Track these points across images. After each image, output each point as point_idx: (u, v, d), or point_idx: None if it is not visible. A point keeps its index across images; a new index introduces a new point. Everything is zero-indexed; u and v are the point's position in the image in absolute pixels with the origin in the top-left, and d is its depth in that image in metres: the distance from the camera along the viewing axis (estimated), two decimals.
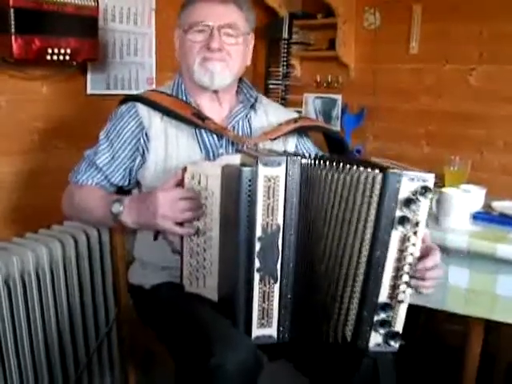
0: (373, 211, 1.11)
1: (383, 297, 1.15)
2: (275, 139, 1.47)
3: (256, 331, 1.18)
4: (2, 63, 1.75)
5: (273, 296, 1.17)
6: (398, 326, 1.17)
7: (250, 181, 1.13)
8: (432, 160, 2.48)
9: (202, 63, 1.41)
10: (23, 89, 1.86)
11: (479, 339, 1.85)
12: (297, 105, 2.80)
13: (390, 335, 1.17)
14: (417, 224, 1.12)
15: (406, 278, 1.14)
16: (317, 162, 1.16)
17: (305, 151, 1.57)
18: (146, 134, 1.44)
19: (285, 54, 2.78)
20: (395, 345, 1.17)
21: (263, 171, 1.12)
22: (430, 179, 1.11)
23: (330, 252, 1.17)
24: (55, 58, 1.78)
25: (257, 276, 1.15)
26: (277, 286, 1.17)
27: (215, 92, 1.48)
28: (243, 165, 1.17)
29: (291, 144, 1.54)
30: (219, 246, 1.25)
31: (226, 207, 1.21)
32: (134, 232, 1.57)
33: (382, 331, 1.16)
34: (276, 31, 2.76)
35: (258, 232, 1.14)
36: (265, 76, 2.87)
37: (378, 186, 1.10)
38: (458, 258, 1.70)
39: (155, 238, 1.35)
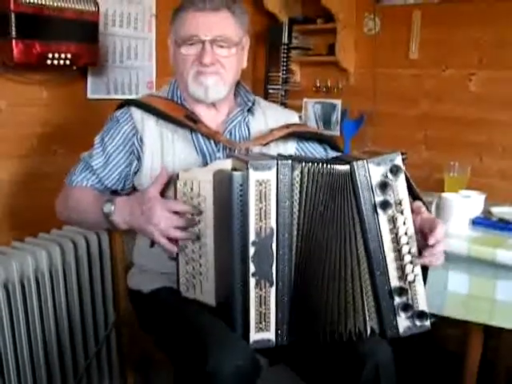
0: (353, 204, 1.15)
1: (394, 282, 1.18)
2: (266, 144, 1.46)
3: (254, 335, 1.18)
4: (2, 67, 1.75)
5: (269, 300, 1.17)
6: (421, 305, 1.19)
7: (241, 185, 1.14)
8: (431, 165, 2.49)
9: (195, 77, 1.41)
10: (23, 93, 1.86)
11: (479, 344, 1.84)
12: (296, 110, 2.76)
13: (416, 315, 1.19)
14: (400, 203, 1.15)
15: (408, 258, 1.17)
16: (308, 164, 1.17)
17: (305, 154, 1.56)
18: (141, 139, 1.44)
19: (284, 59, 2.78)
20: (425, 323, 1.20)
21: (254, 175, 1.12)
22: (396, 158, 1.15)
23: (329, 253, 1.18)
24: (55, 62, 1.79)
25: (252, 280, 1.15)
26: (273, 290, 1.17)
27: (211, 103, 1.48)
28: (234, 169, 1.17)
29: (291, 148, 1.54)
30: (214, 251, 1.25)
31: (219, 212, 1.22)
32: (134, 238, 1.57)
33: (405, 314, 1.19)
34: (276, 36, 2.76)
35: (252, 236, 1.14)
36: (264, 81, 2.87)
37: (349, 180, 1.15)
38: (458, 263, 1.70)
39: (151, 246, 1.35)
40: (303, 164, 1.17)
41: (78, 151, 1.54)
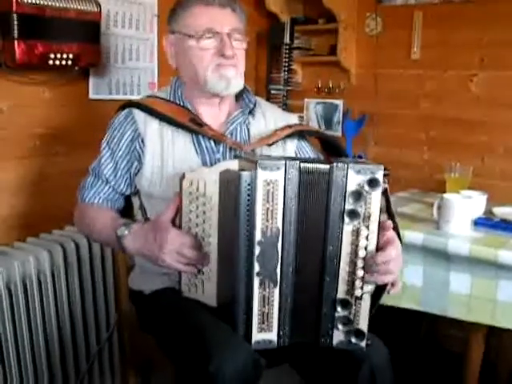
0: (324, 206, 1.15)
1: (341, 293, 1.18)
2: (272, 144, 1.47)
3: (256, 336, 1.17)
4: (4, 68, 1.75)
5: (273, 300, 1.17)
6: (362, 324, 1.18)
7: (249, 185, 1.14)
8: (433, 166, 2.49)
9: (215, 70, 1.40)
10: (25, 93, 1.87)
11: (480, 345, 1.85)
12: (298, 110, 2.80)
13: (353, 333, 1.18)
14: (369, 217, 1.14)
15: (360, 273, 1.16)
16: (309, 164, 1.17)
17: (304, 156, 1.57)
18: (142, 141, 1.43)
19: (286, 60, 2.78)
20: (359, 343, 1.18)
21: (262, 175, 1.12)
22: (378, 171, 1.13)
23: (312, 252, 1.18)
24: (57, 62, 1.79)
25: (256, 280, 1.15)
26: (277, 290, 1.17)
27: (221, 97, 1.47)
28: (242, 170, 1.17)
29: (290, 149, 1.54)
30: (218, 251, 1.25)
31: (225, 212, 1.21)
32: None
33: (343, 328, 1.18)
34: (277, 36, 2.76)
35: (258, 236, 1.14)
36: (266, 81, 2.87)
37: (326, 181, 1.14)
38: (460, 263, 1.70)
39: None
40: (308, 165, 1.16)
41: (79, 152, 1.54)
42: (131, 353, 1.72)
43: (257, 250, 1.14)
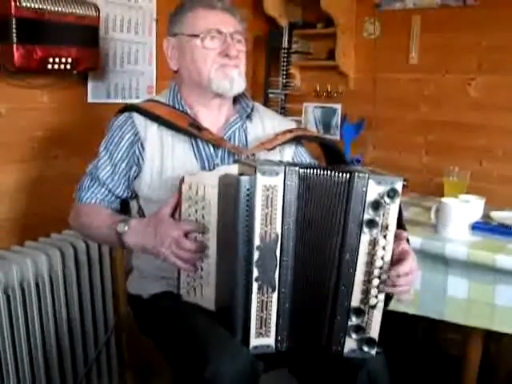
0: (342, 215, 1.15)
1: (355, 301, 1.18)
2: (272, 149, 1.47)
3: (254, 341, 1.17)
4: (3, 72, 1.75)
5: (271, 305, 1.17)
6: (373, 333, 1.19)
7: (248, 190, 1.14)
8: (431, 170, 2.49)
9: (218, 70, 1.42)
10: (24, 97, 1.87)
11: (478, 348, 1.85)
12: (296, 114, 2.81)
13: (365, 341, 1.18)
14: (386, 227, 1.14)
15: (376, 282, 1.16)
16: (312, 171, 1.17)
17: (300, 161, 1.57)
18: (142, 145, 1.43)
19: (284, 64, 2.79)
20: (370, 351, 1.19)
21: (262, 180, 1.12)
22: (398, 182, 1.14)
23: (320, 259, 1.19)
24: (56, 67, 1.79)
25: (255, 285, 1.15)
26: (275, 295, 1.17)
27: (222, 98, 1.47)
28: (241, 174, 1.17)
29: (288, 154, 1.54)
30: (217, 256, 1.25)
31: (224, 217, 1.22)
32: None
33: (355, 337, 1.18)
34: (276, 41, 2.78)
35: (257, 241, 1.14)
36: (264, 85, 2.88)
37: (345, 190, 1.14)
38: (457, 268, 1.70)
39: None
40: (308, 171, 1.16)
41: (78, 155, 1.54)
42: (129, 356, 1.72)
43: (255, 255, 1.14)
